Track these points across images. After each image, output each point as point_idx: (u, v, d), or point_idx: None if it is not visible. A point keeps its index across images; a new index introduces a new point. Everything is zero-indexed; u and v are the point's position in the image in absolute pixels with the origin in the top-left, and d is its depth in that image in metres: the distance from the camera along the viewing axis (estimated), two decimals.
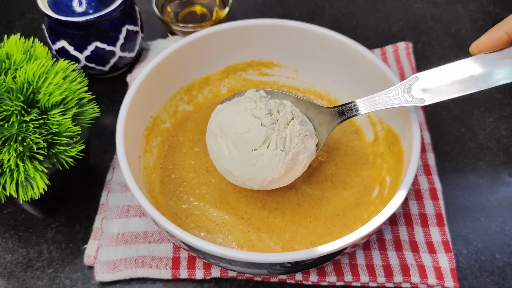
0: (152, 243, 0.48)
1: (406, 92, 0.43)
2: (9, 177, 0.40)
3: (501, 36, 0.40)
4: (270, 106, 0.44)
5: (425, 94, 0.43)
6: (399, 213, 0.51)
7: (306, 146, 0.44)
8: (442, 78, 0.43)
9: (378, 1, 0.73)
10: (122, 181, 0.53)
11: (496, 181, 0.54)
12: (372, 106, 0.44)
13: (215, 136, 0.45)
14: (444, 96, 0.43)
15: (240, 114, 0.43)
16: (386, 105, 0.44)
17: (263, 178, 0.43)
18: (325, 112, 0.46)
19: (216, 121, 0.45)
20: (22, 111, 0.40)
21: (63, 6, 0.55)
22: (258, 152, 0.42)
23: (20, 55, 0.44)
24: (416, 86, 0.43)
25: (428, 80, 0.43)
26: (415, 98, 0.43)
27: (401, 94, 0.43)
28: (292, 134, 0.43)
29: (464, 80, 0.42)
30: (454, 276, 0.46)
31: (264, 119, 0.43)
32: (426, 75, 0.43)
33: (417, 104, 0.43)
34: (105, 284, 0.47)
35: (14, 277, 0.48)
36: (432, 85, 0.43)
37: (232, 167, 0.44)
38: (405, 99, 0.43)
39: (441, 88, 0.42)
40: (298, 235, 0.47)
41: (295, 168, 0.44)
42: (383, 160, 0.51)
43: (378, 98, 0.44)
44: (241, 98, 0.46)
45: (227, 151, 0.43)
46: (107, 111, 0.60)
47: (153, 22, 0.68)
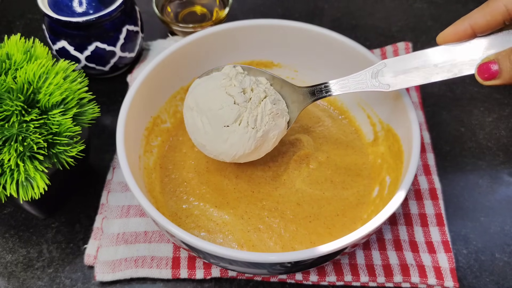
0: (152, 243, 0.48)
1: (374, 77, 0.45)
2: (10, 177, 0.40)
3: (465, 28, 0.41)
4: (244, 84, 0.45)
5: (391, 80, 0.44)
6: (399, 213, 0.51)
7: (276, 124, 0.46)
8: (408, 66, 0.44)
9: (378, 1, 0.73)
10: (122, 181, 0.53)
11: (496, 181, 0.54)
12: (342, 88, 0.46)
13: (191, 110, 0.46)
14: (408, 83, 0.44)
15: (215, 91, 0.45)
16: (354, 89, 0.45)
17: (234, 153, 0.46)
18: (298, 91, 0.47)
19: (192, 96, 0.46)
20: (22, 111, 0.40)
21: (63, 6, 0.56)
22: (230, 129, 0.44)
23: (20, 55, 0.44)
24: (383, 72, 0.44)
25: (394, 66, 0.44)
26: (381, 83, 0.44)
27: (368, 79, 0.45)
28: (264, 113, 0.45)
29: (429, 69, 0.43)
30: (454, 276, 0.46)
31: (237, 97, 0.44)
32: (393, 62, 0.44)
33: (382, 89, 0.44)
34: (105, 284, 0.47)
35: (14, 277, 0.48)
36: (398, 72, 0.44)
37: (205, 141, 0.46)
38: (372, 84, 0.45)
39: (406, 75, 0.44)
40: (298, 235, 0.47)
41: (265, 144, 0.46)
42: (383, 160, 0.51)
43: (347, 81, 0.46)
44: (218, 73, 0.47)
45: (201, 126, 0.45)
46: (107, 111, 0.60)
47: (153, 22, 0.68)
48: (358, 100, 0.54)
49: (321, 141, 0.54)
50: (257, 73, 0.48)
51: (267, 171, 0.51)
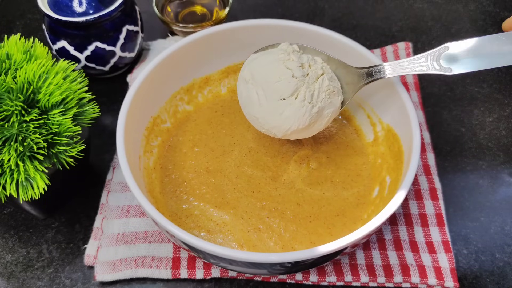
0: (152, 243, 0.48)
1: (435, 60, 0.44)
2: (9, 177, 0.40)
3: None
4: (302, 60, 0.45)
5: (453, 64, 0.44)
6: (399, 213, 0.51)
7: (332, 102, 0.46)
8: (471, 50, 0.43)
9: (378, 1, 0.73)
10: (122, 181, 0.53)
11: (496, 181, 0.54)
12: (400, 70, 0.45)
13: (246, 82, 0.46)
14: (471, 67, 0.43)
15: (273, 64, 0.45)
16: (413, 71, 0.45)
17: (288, 127, 0.45)
18: (353, 72, 0.47)
19: (249, 69, 0.46)
20: (22, 111, 0.40)
21: (63, 6, 0.56)
22: (286, 102, 0.44)
23: (20, 55, 0.44)
24: (446, 55, 0.44)
25: (457, 50, 0.44)
26: (443, 66, 0.44)
27: (430, 62, 0.44)
28: (321, 89, 0.45)
29: (492, 54, 0.43)
30: (454, 276, 0.46)
31: (296, 71, 0.44)
32: (456, 45, 0.44)
33: (444, 73, 0.44)
34: (105, 284, 0.47)
35: (14, 277, 0.48)
36: (460, 56, 0.43)
37: (259, 114, 0.46)
38: (433, 67, 0.44)
39: (469, 59, 0.43)
40: (298, 235, 0.47)
41: (319, 121, 0.46)
42: (383, 160, 0.51)
43: (407, 63, 0.45)
44: (275, 49, 0.47)
45: (256, 98, 0.45)
46: (107, 111, 0.60)
47: (153, 22, 0.68)
48: (358, 100, 0.54)
49: (321, 141, 0.54)
50: (312, 52, 0.47)
51: (267, 171, 0.51)
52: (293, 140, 0.54)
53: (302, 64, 0.45)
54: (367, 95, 0.53)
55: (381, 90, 0.50)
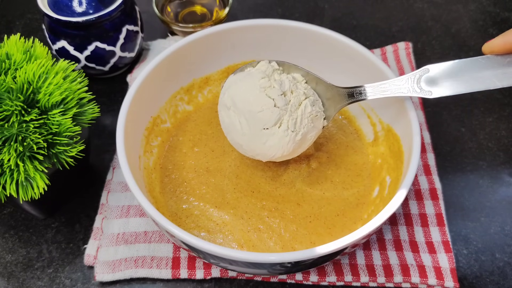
0: (152, 243, 0.48)
1: (416, 82, 0.44)
2: (9, 177, 0.40)
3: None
4: (284, 86, 0.45)
5: (433, 87, 0.44)
6: (399, 213, 0.51)
7: (315, 126, 0.46)
8: (451, 73, 0.43)
9: (378, 1, 0.73)
10: (122, 181, 0.53)
11: (496, 181, 0.54)
12: (381, 93, 0.45)
13: (227, 109, 0.46)
14: (451, 91, 0.43)
15: (254, 92, 0.44)
16: (394, 93, 0.44)
17: (272, 154, 0.45)
18: (333, 89, 0.47)
19: (229, 94, 0.46)
20: (22, 111, 0.40)
21: (63, 6, 0.55)
22: (269, 132, 0.44)
23: (20, 55, 0.44)
24: (426, 77, 0.44)
25: (437, 73, 0.44)
26: (423, 90, 0.44)
27: (410, 84, 0.44)
28: (303, 115, 0.45)
29: (472, 78, 0.43)
30: (454, 276, 0.46)
31: (278, 101, 0.44)
32: (436, 68, 0.44)
33: (424, 96, 0.43)
34: (105, 284, 0.47)
35: (14, 277, 0.48)
36: (441, 79, 0.43)
37: (243, 141, 0.46)
38: (414, 89, 0.44)
39: (449, 82, 0.43)
40: (298, 235, 0.47)
41: (303, 145, 0.46)
42: (383, 160, 0.51)
43: (387, 85, 0.45)
44: (254, 71, 0.46)
45: (239, 127, 0.45)
46: (107, 111, 0.60)
47: (153, 22, 0.68)
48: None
49: (321, 141, 0.54)
50: (291, 68, 0.47)
51: (267, 171, 0.51)
52: None
53: (284, 92, 0.44)
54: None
55: None
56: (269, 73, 0.45)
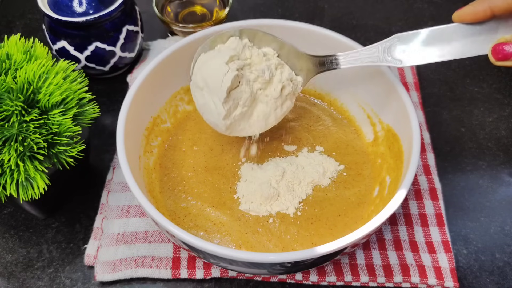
0: (152, 243, 0.48)
1: (386, 51, 0.44)
2: (10, 177, 0.40)
3: (484, 10, 0.41)
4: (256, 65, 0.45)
5: (404, 56, 0.43)
6: (399, 213, 0.51)
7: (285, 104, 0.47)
8: (421, 42, 0.43)
9: (378, 1, 0.73)
10: (122, 181, 0.53)
11: (496, 181, 0.54)
12: (352, 62, 0.45)
13: (200, 89, 0.46)
14: (421, 60, 0.43)
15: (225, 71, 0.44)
16: (365, 62, 0.44)
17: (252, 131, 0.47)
18: (306, 59, 0.47)
19: (201, 75, 0.45)
20: (22, 111, 0.40)
21: (63, 6, 0.56)
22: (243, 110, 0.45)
23: (20, 55, 0.44)
24: (396, 46, 0.44)
25: (408, 42, 0.43)
26: (394, 58, 0.44)
27: (380, 53, 0.44)
28: (275, 91, 0.45)
29: (442, 47, 0.43)
30: (454, 276, 0.46)
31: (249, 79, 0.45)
32: (406, 36, 0.43)
33: (393, 65, 0.43)
34: (105, 284, 0.47)
35: (14, 277, 0.48)
36: (411, 48, 0.43)
37: (219, 121, 0.45)
38: (384, 58, 0.44)
39: (419, 51, 0.43)
40: (299, 237, 0.47)
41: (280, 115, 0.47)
42: (383, 160, 0.51)
43: (358, 54, 0.45)
44: (224, 49, 0.46)
45: (214, 107, 0.45)
46: (107, 111, 0.60)
47: (153, 22, 0.68)
48: (358, 100, 0.54)
49: (321, 140, 0.54)
50: (263, 41, 0.47)
51: None
52: (293, 139, 0.54)
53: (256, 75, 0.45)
54: (367, 95, 0.53)
55: (381, 90, 0.50)
56: (239, 50, 0.46)
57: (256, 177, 0.49)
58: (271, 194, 0.48)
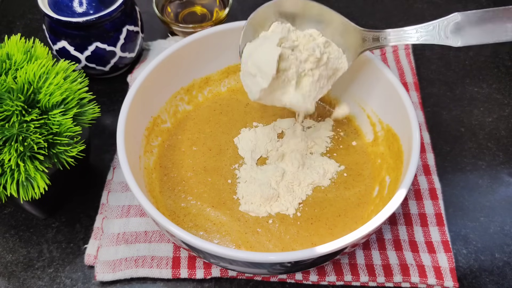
0: (153, 242, 0.49)
1: (443, 30, 0.43)
2: (10, 177, 0.40)
3: None
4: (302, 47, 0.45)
5: (460, 36, 0.43)
6: (399, 213, 0.51)
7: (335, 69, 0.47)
8: (479, 22, 0.42)
9: (378, 1, 0.73)
10: (123, 181, 0.53)
11: (496, 181, 0.54)
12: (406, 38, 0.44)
13: (253, 77, 0.45)
14: (478, 40, 0.42)
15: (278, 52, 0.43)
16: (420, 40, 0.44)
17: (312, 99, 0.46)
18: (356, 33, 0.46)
19: (252, 62, 0.44)
20: (22, 111, 0.40)
21: (64, 7, 0.56)
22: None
23: (20, 55, 0.44)
24: (455, 26, 0.43)
25: (467, 21, 0.43)
26: (451, 38, 0.43)
27: (436, 31, 0.43)
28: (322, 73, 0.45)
29: (500, 27, 0.42)
30: (453, 276, 0.46)
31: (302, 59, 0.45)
32: (466, 16, 0.43)
33: (451, 44, 0.43)
34: (106, 283, 0.47)
35: (14, 276, 0.48)
36: (468, 28, 0.42)
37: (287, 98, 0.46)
38: (441, 37, 0.43)
39: (477, 31, 0.42)
40: (299, 237, 0.47)
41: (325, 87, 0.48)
42: (383, 160, 0.51)
43: (414, 31, 0.44)
44: (270, 34, 0.46)
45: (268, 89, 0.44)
46: (107, 111, 0.60)
47: (153, 23, 0.68)
48: (358, 100, 0.54)
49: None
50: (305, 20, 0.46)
51: None
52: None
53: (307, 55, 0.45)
54: (367, 95, 0.53)
55: (381, 90, 0.50)
56: (285, 34, 0.45)
57: (256, 178, 0.50)
58: (271, 195, 0.48)
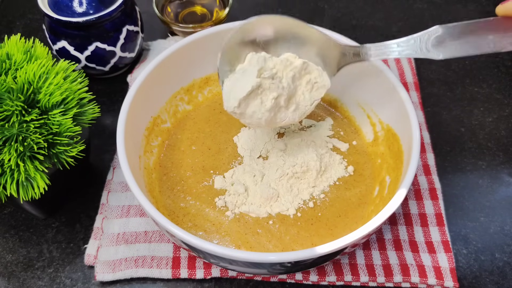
0: (153, 243, 0.49)
1: (425, 43, 0.43)
2: (10, 177, 0.40)
3: None
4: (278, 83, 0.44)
5: (441, 49, 0.42)
6: (399, 213, 0.51)
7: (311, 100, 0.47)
8: (460, 34, 0.42)
9: (378, 1, 0.73)
10: (123, 181, 0.53)
11: (496, 181, 0.54)
12: (388, 53, 0.44)
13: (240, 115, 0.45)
14: (460, 52, 0.42)
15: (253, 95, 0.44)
16: (402, 54, 0.43)
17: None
18: (337, 48, 0.46)
19: (234, 99, 0.44)
20: (22, 111, 0.40)
21: (64, 7, 0.56)
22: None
23: (20, 55, 0.44)
24: (435, 38, 0.42)
25: (447, 34, 0.42)
26: (433, 51, 0.43)
27: (418, 44, 0.43)
28: (303, 96, 0.46)
29: (482, 40, 0.42)
30: (453, 276, 0.46)
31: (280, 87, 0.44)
32: (446, 28, 0.42)
33: (433, 57, 0.42)
34: (106, 283, 0.47)
35: (14, 277, 0.48)
36: (449, 40, 0.42)
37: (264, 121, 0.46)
38: (423, 50, 0.43)
39: (457, 44, 0.42)
40: (299, 238, 0.47)
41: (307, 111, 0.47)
42: (383, 160, 0.51)
43: (396, 45, 0.44)
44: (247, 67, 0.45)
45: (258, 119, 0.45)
46: (107, 111, 0.60)
47: (153, 22, 0.68)
48: (358, 100, 0.54)
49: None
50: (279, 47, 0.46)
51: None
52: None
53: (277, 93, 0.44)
54: (367, 95, 0.53)
55: (381, 90, 0.50)
56: (262, 63, 0.44)
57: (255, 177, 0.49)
58: (271, 195, 0.48)
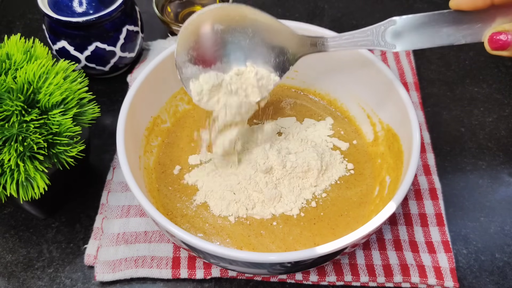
0: (153, 243, 0.48)
1: (380, 35, 0.43)
2: (10, 177, 0.40)
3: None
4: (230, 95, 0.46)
5: (398, 41, 0.43)
6: (399, 213, 0.51)
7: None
8: (416, 27, 0.42)
9: (378, 1, 0.73)
10: (123, 181, 0.53)
11: (496, 181, 0.54)
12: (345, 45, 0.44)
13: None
14: (415, 45, 0.43)
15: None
16: (358, 46, 0.44)
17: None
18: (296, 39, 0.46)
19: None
20: (22, 111, 0.40)
21: (64, 7, 0.56)
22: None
23: (20, 55, 0.44)
24: (391, 31, 0.43)
25: (402, 26, 0.43)
26: (388, 43, 0.43)
27: (375, 36, 0.43)
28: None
29: (437, 33, 0.42)
30: (454, 276, 0.46)
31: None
32: (401, 20, 0.43)
33: (387, 49, 0.43)
34: (106, 284, 0.47)
35: (14, 277, 0.48)
36: (405, 32, 0.42)
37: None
38: (378, 42, 0.43)
39: (413, 36, 0.42)
40: (302, 238, 0.47)
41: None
42: (383, 160, 0.51)
43: (350, 36, 0.44)
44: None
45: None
46: (107, 111, 0.60)
47: (153, 22, 0.68)
48: (358, 100, 0.54)
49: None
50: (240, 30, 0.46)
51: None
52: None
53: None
54: (367, 95, 0.53)
55: (381, 90, 0.50)
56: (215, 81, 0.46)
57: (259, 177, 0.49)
58: (274, 195, 0.48)
